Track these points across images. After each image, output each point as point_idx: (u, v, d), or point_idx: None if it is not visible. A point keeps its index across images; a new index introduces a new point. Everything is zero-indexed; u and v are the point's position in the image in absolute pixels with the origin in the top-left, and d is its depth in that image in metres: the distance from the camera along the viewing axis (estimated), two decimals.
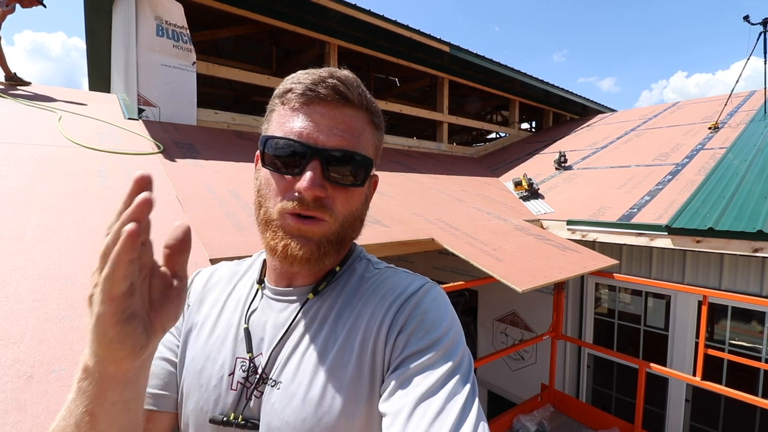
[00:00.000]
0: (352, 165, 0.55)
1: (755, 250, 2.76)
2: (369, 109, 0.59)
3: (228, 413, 0.56)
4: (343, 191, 0.56)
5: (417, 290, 0.57)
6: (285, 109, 0.57)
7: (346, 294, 0.60)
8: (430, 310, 0.55)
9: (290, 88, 0.56)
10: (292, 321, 0.58)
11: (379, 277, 0.61)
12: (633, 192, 4.01)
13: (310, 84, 0.54)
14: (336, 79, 0.55)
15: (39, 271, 1.44)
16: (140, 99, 3.73)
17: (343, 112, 0.55)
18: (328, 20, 4.94)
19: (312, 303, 0.60)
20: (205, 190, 2.54)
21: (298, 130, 0.54)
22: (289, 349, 0.57)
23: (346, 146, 0.54)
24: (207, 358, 0.60)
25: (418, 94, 9.09)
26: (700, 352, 2.84)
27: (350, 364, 0.53)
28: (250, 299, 0.63)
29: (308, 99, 0.54)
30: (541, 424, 3.46)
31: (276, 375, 0.56)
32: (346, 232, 0.58)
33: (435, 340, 0.51)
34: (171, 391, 0.63)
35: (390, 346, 0.53)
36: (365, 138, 0.57)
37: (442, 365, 0.49)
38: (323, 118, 0.54)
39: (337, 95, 0.54)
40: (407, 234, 2.71)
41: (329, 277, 0.61)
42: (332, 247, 0.57)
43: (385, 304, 0.56)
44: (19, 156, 2.32)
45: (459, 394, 0.47)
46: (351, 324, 0.56)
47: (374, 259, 0.67)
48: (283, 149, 0.54)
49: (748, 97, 6.23)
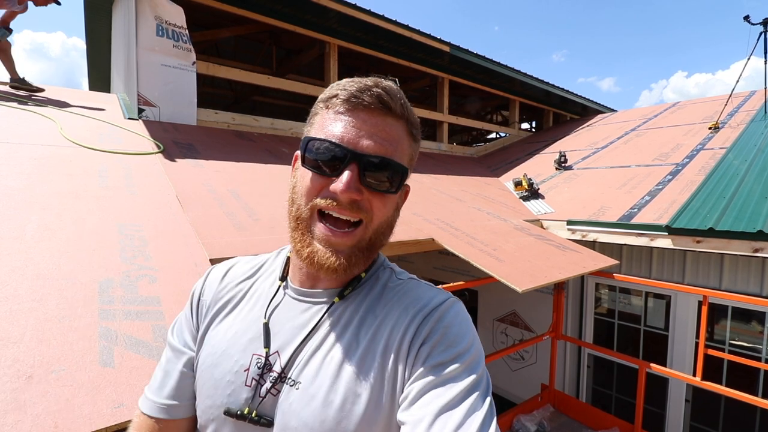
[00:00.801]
0: (389, 172, 0.56)
1: (755, 251, 2.76)
2: (409, 120, 0.60)
3: (242, 408, 0.57)
4: (378, 197, 0.57)
5: (440, 304, 0.57)
6: (329, 113, 0.58)
7: (369, 301, 0.60)
8: (453, 324, 0.55)
9: (336, 94, 0.57)
10: (316, 323, 0.59)
11: (402, 287, 0.62)
12: (633, 192, 4.01)
13: (356, 91, 0.56)
14: (381, 89, 0.56)
15: (39, 271, 1.43)
16: (140, 99, 3.73)
17: (384, 120, 0.56)
18: (328, 20, 4.94)
19: (336, 307, 0.60)
20: (205, 190, 2.54)
21: (339, 134, 0.55)
22: (311, 350, 0.57)
23: (384, 153, 0.55)
24: (222, 354, 0.60)
25: (418, 94, 9.09)
26: (700, 352, 2.84)
27: (372, 371, 0.54)
28: (271, 296, 0.64)
29: (352, 105, 0.56)
30: (541, 424, 3.46)
31: (296, 375, 0.56)
32: (378, 239, 0.60)
33: (457, 354, 0.52)
34: (183, 399, 0.64)
35: (413, 357, 0.53)
36: (402, 147, 0.59)
37: (463, 379, 0.50)
38: (365, 125, 0.55)
39: (380, 104, 0.56)
40: (407, 234, 2.71)
41: (354, 282, 0.62)
42: (362, 255, 0.58)
43: (408, 314, 0.56)
44: (19, 156, 2.32)
45: (479, 411, 0.48)
46: (374, 331, 0.57)
47: (397, 269, 0.68)
48: (323, 151, 0.55)
49: (749, 97, 6.22)
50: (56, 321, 1.25)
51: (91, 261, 1.56)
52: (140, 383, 1.12)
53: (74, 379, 1.08)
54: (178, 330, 0.69)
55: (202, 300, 0.68)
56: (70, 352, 1.15)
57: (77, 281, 1.44)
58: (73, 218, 1.82)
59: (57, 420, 0.96)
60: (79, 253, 1.59)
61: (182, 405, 0.64)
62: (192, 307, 0.69)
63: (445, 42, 5.79)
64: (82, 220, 1.82)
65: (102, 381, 1.09)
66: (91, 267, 1.53)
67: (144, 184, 2.39)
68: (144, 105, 3.75)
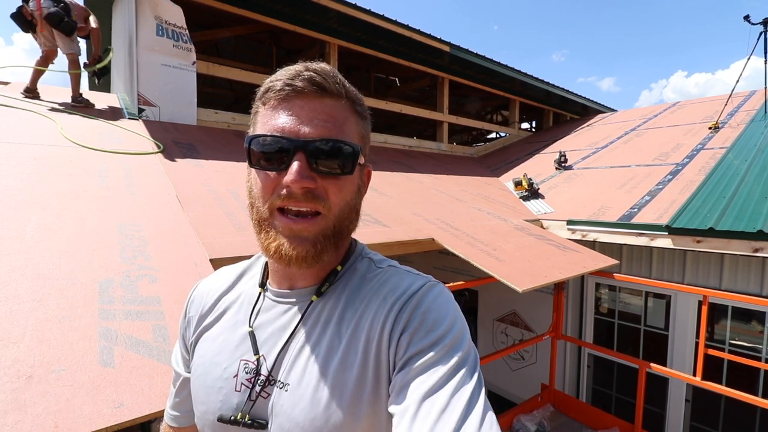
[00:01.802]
0: (338, 153, 0.54)
1: (755, 250, 2.76)
2: (350, 98, 0.58)
3: (235, 413, 0.57)
4: (333, 181, 0.55)
5: (417, 290, 0.57)
6: (266, 108, 0.57)
7: (348, 295, 0.60)
8: (431, 309, 0.54)
9: (269, 87, 0.56)
10: (297, 324, 0.59)
11: (381, 277, 0.61)
12: (633, 192, 4.01)
13: (287, 79, 0.54)
14: (312, 71, 0.54)
15: (39, 271, 1.44)
16: (140, 99, 3.73)
17: (322, 102, 0.55)
18: (328, 20, 4.94)
19: (315, 305, 0.60)
20: (205, 190, 2.54)
21: (280, 126, 0.54)
22: (295, 351, 0.57)
23: (328, 135, 0.54)
24: (212, 363, 0.61)
25: (419, 94, 9.09)
26: (700, 352, 2.84)
27: (355, 366, 0.54)
28: (253, 302, 0.64)
29: (286, 94, 0.54)
30: (541, 424, 3.46)
31: (284, 377, 0.56)
32: (343, 224, 0.58)
33: (437, 338, 0.52)
34: (183, 410, 0.71)
35: (393, 348, 0.53)
36: (349, 126, 0.57)
37: (446, 362, 0.50)
38: (303, 111, 0.54)
39: (314, 86, 0.54)
40: (407, 234, 2.71)
41: (331, 277, 0.61)
42: (329, 243, 0.56)
43: (387, 305, 0.56)
44: (19, 156, 2.32)
45: (464, 387, 0.48)
46: (354, 326, 0.56)
47: (376, 258, 0.67)
48: (267, 146, 0.54)
49: (749, 97, 6.22)
50: (56, 321, 1.25)
51: (91, 261, 1.56)
52: (140, 383, 1.12)
53: (74, 379, 1.08)
54: (175, 358, 0.73)
55: (189, 316, 0.69)
56: (71, 352, 1.15)
57: (77, 281, 1.44)
58: (73, 218, 1.82)
59: (57, 420, 0.96)
60: (79, 253, 1.59)
61: (183, 415, 0.71)
62: (182, 326, 0.71)
63: (445, 42, 5.79)
64: (82, 220, 1.82)
65: (102, 381, 1.09)
66: (91, 267, 1.53)
67: (144, 184, 2.39)
68: (144, 105, 3.75)
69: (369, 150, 0.64)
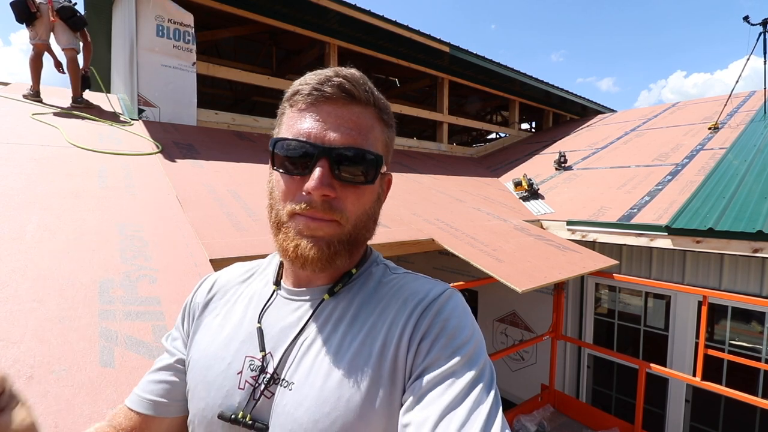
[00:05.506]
0: (361, 162, 0.54)
1: (755, 251, 2.76)
2: (377, 106, 0.58)
3: (236, 412, 0.55)
4: (353, 190, 0.55)
5: (438, 296, 0.56)
6: (293, 111, 0.57)
7: (362, 297, 0.59)
8: (452, 317, 0.54)
9: (297, 90, 0.56)
10: (306, 321, 0.58)
11: (398, 281, 0.61)
12: (633, 192, 4.01)
13: (316, 84, 0.54)
14: (342, 78, 0.54)
15: (39, 272, 1.44)
16: (140, 99, 3.73)
17: (350, 110, 0.55)
18: (327, 20, 4.94)
19: (327, 304, 0.59)
20: (205, 191, 2.54)
21: (305, 131, 0.54)
22: (302, 349, 0.56)
23: (354, 143, 0.53)
24: (214, 357, 0.60)
25: (419, 95, 9.09)
26: (700, 352, 2.84)
27: (368, 368, 0.52)
28: (264, 299, 0.63)
29: (315, 99, 0.54)
30: (541, 425, 3.46)
31: (288, 375, 0.55)
32: (359, 233, 0.58)
33: (457, 348, 0.51)
34: (173, 399, 0.64)
35: (413, 353, 0.52)
36: (374, 135, 0.57)
37: (465, 373, 0.49)
38: (330, 117, 0.54)
39: (343, 93, 0.54)
40: (407, 234, 2.71)
41: (345, 278, 0.61)
42: (343, 248, 0.56)
43: (407, 309, 0.55)
44: (19, 156, 2.32)
45: (483, 404, 0.47)
46: (369, 327, 0.55)
47: (392, 265, 0.66)
48: (291, 150, 0.54)
49: (748, 97, 6.23)
50: (56, 321, 1.25)
51: (92, 261, 1.56)
52: None
53: (74, 379, 1.08)
54: (171, 336, 0.70)
55: (195, 302, 0.68)
56: (71, 352, 1.15)
57: (77, 281, 1.44)
58: (73, 219, 1.82)
59: (57, 420, 0.96)
60: (79, 254, 1.59)
61: (170, 404, 0.64)
62: (184, 312, 0.69)
63: (444, 42, 5.79)
64: (82, 221, 1.82)
65: (102, 381, 1.09)
66: (91, 267, 1.53)
67: (144, 184, 2.39)
68: (144, 105, 3.75)
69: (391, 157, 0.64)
